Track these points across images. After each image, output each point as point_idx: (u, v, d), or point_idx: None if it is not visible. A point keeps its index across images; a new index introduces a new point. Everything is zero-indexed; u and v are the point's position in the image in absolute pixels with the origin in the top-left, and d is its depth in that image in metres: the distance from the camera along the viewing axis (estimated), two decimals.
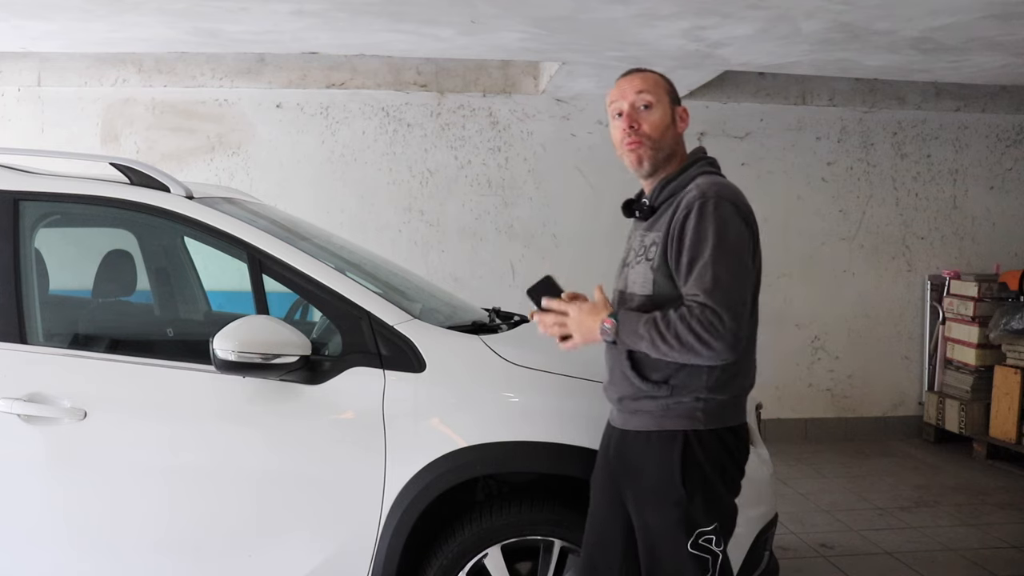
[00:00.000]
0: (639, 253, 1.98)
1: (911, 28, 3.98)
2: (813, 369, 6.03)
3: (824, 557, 3.70)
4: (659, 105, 1.97)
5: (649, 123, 1.96)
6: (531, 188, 5.72)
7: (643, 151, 1.96)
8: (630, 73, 2.04)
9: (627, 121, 1.96)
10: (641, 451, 1.95)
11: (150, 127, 5.45)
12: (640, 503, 1.95)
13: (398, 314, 2.32)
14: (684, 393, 1.91)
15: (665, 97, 1.99)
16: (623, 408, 2.00)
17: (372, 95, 5.55)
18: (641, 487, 1.95)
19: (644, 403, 1.94)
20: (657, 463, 1.92)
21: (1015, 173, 6.19)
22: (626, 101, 1.97)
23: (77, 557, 2.29)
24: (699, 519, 1.91)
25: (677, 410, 1.92)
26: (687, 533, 1.90)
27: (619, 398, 2.00)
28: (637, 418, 1.96)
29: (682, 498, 1.89)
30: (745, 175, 5.84)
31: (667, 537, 1.91)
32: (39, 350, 2.32)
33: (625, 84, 2.00)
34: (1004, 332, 5.31)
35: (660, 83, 2.01)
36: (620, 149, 2.00)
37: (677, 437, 1.92)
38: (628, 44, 4.26)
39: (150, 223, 2.74)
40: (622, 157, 2.02)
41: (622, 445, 2.00)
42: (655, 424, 1.93)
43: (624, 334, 1.87)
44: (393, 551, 2.20)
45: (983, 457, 5.41)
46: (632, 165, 2.00)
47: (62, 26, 4.25)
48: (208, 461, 2.27)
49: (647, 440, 1.94)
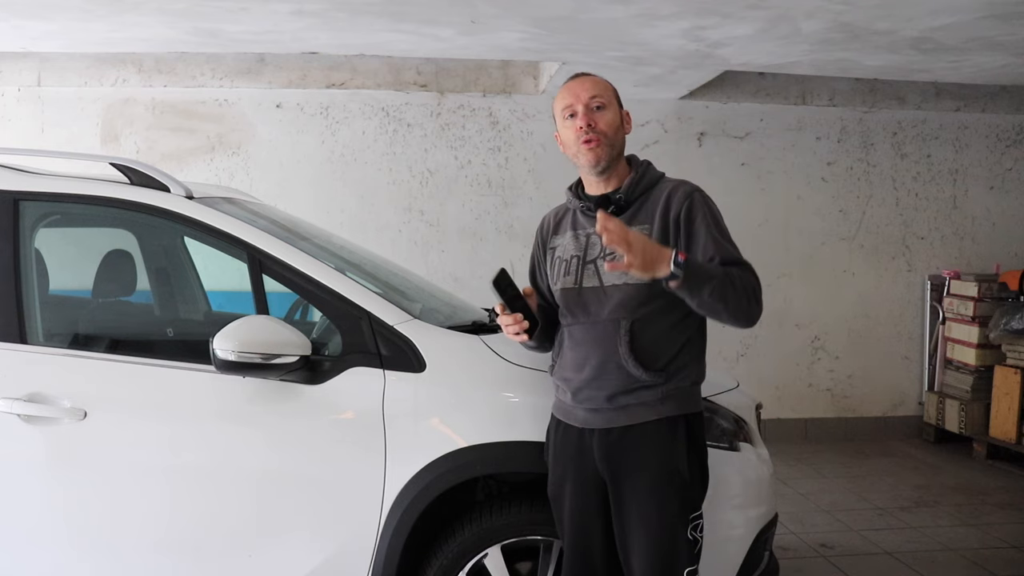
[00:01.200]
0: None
1: (911, 28, 3.99)
2: (813, 369, 6.03)
3: (824, 557, 3.70)
4: (610, 107, 2.04)
5: (604, 122, 2.02)
6: (531, 188, 5.72)
7: (601, 149, 2.01)
8: (578, 76, 2.10)
9: (584, 120, 2.00)
10: (642, 444, 1.94)
11: (150, 127, 5.45)
12: (643, 497, 1.94)
13: (398, 314, 2.32)
14: (681, 377, 1.96)
15: (614, 100, 2.07)
16: (611, 405, 1.97)
17: (372, 95, 5.55)
18: (645, 481, 1.94)
19: (640, 394, 1.94)
20: (662, 452, 1.93)
21: (1015, 173, 6.19)
22: (580, 103, 2.02)
23: (77, 557, 2.29)
24: (696, 503, 1.97)
25: (676, 395, 1.95)
26: (686, 520, 1.93)
27: (609, 395, 1.97)
28: (629, 412, 1.95)
29: (685, 483, 1.93)
30: (745, 175, 5.85)
31: (668, 526, 1.92)
32: (39, 350, 2.32)
33: (576, 87, 2.05)
34: (1004, 332, 5.31)
35: (609, 87, 2.08)
36: (574, 148, 2.05)
37: (679, 422, 1.95)
38: (628, 44, 4.26)
39: (150, 223, 2.74)
40: (575, 156, 2.07)
41: (610, 444, 1.98)
42: (654, 413, 1.94)
43: (694, 271, 1.82)
44: (393, 551, 2.20)
45: (983, 457, 5.41)
46: (590, 163, 2.03)
47: (62, 26, 4.25)
48: (208, 461, 2.27)
49: (646, 432, 1.94)
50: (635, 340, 1.94)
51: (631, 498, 1.96)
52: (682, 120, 5.78)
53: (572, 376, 2.03)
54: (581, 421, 2.03)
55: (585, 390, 2.00)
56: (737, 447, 2.32)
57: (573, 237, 2.11)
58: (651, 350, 1.94)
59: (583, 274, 2.03)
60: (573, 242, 2.10)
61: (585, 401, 2.01)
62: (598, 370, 1.98)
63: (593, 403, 2.00)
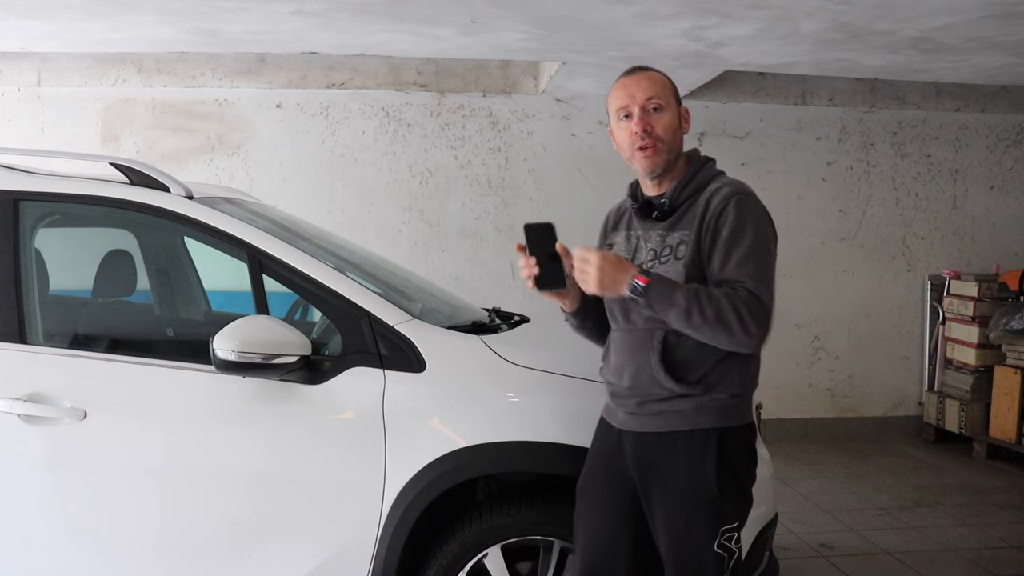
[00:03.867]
0: (663, 253, 1.92)
1: (911, 28, 3.99)
2: (813, 369, 6.02)
3: (824, 557, 3.70)
4: (668, 108, 1.94)
5: (661, 126, 1.92)
6: (531, 188, 5.72)
7: (657, 156, 1.92)
8: (635, 72, 1.98)
9: (640, 124, 1.90)
10: (672, 452, 1.90)
11: (150, 127, 5.45)
12: (670, 505, 1.90)
13: (398, 314, 2.32)
14: (719, 390, 1.90)
15: (672, 99, 1.96)
16: (643, 411, 1.93)
17: (372, 95, 5.55)
18: (673, 489, 1.90)
19: (675, 403, 1.89)
20: (691, 463, 1.89)
21: (1015, 173, 6.19)
22: (636, 104, 1.92)
23: (77, 557, 2.29)
24: (728, 517, 1.91)
25: (712, 408, 1.90)
26: (715, 532, 1.88)
27: (640, 401, 1.93)
28: (662, 419, 1.91)
29: (716, 498, 1.88)
30: (745, 175, 5.75)
31: (696, 538, 1.88)
32: (39, 350, 2.32)
33: (632, 86, 1.95)
34: (1004, 332, 5.31)
35: (667, 85, 1.98)
36: (629, 152, 1.94)
37: (711, 435, 1.89)
38: (628, 44, 4.26)
39: (150, 223, 2.74)
40: (631, 160, 1.96)
41: (642, 448, 1.94)
42: (687, 423, 1.89)
43: (655, 295, 1.79)
44: (393, 551, 2.20)
45: (983, 457, 5.41)
46: (645, 169, 1.94)
47: (62, 26, 4.25)
48: (208, 461, 2.27)
49: (677, 441, 1.90)
50: (668, 351, 1.89)
51: (658, 505, 1.92)
52: None
53: (613, 381, 2.01)
54: (620, 422, 2.00)
55: (621, 396, 1.98)
56: None
57: (626, 238, 2.04)
58: (685, 362, 1.88)
59: None
60: (625, 243, 2.03)
61: (622, 405, 1.99)
62: (633, 379, 1.94)
63: (628, 407, 1.97)
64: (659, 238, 1.95)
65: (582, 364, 2.29)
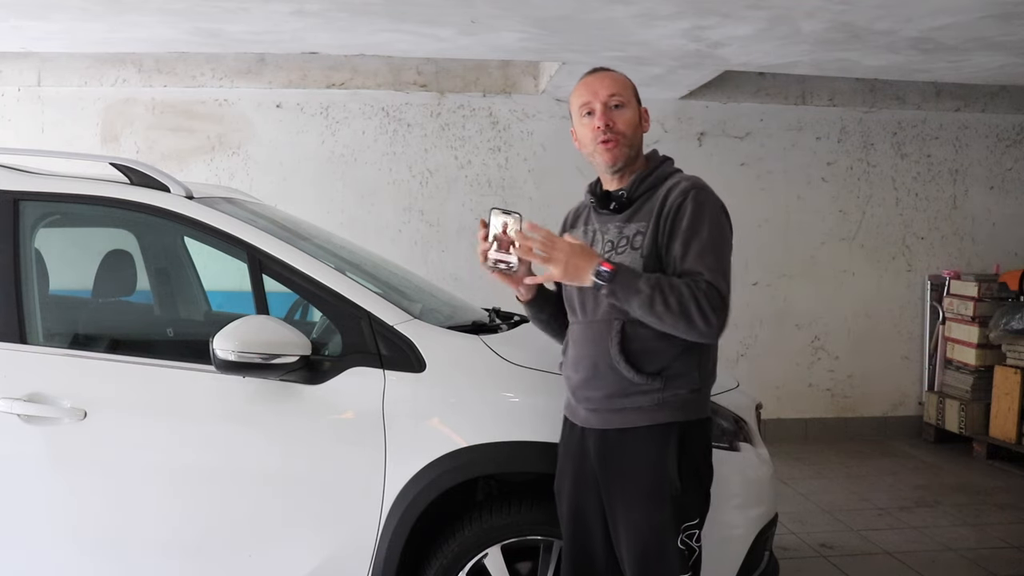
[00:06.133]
0: (619, 244, 1.97)
1: (911, 28, 3.99)
2: (813, 369, 6.02)
3: (824, 557, 3.70)
4: (629, 105, 2.00)
5: (623, 121, 1.98)
6: (531, 188, 5.72)
7: (618, 149, 1.97)
8: (597, 72, 2.05)
9: (603, 119, 1.96)
10: (632, 449, 1.93)
11: (150, 127, 5.45)
12: (631, 502, 1.93)
13: (398, 314, 2.32)
14: (678, 384, 1.92)
15: (633, 98, 2.03)
16: (606, 406, 1.95)
17: (372, 95, 5.55)
18: (634, 486, 1.93)
19: (636, 399, 1.92)
20: (652, 459, 1.91)
21: (1015, 173, 6.19)
22: (598, 100, 1.97)
23: (77, 557, 2.29)
24: (690, 513, 1.93)
25: (672, 402, 1.92)
26: (677, 528, 1.90)
27: (605, 395, 1.95)
28: (623, 415, 1.93)
29: (677, 492, 1.90)
30: (745, 175, 5.85)
31: (659, 534, 1.90)
32: (39, 350, 2.32)
33: (595, 83, 2.01)
34: (1004, 332, 5.31)
35: (628, 84, 2.04)
36: (591, 147, 1.99)
37: (672, 430, 1.92)
38: (628, 44, 4.26)
39: (150, 223, 2.74)
40: (591, 155, 2.01)
41: (604, 446, 1.97)
42: (647, 419, 1.92)
43: (620, 283, 1.83)
44: (393, 551, 2.20)
45: (983, 457, 5.41)
46: (606, 163, 2.00)
47: (62, 26, 4.25)
48: (208, 461, 2.27)
49: (638, 437, 1.92)
50: (627, 341, 1.91)
51: (620, 502, 1.94)
52: (682, 120, 5.78)
53: (572, 375, 2.04)
54: (582, 420, 2.03)
55: (582, 390, 2.00)
56: (737, 447, 2.32)
57: (583, 233, 2.08)
58: (644, 352, 1.91)
59: None
60: (582, 237, 2.06)
61: (584, 400, 2.01)
62: (591, 371, 1.97)
63: (591, 403, 1.99)
64: (616, 230, 1.99)
65: None
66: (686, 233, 1.88)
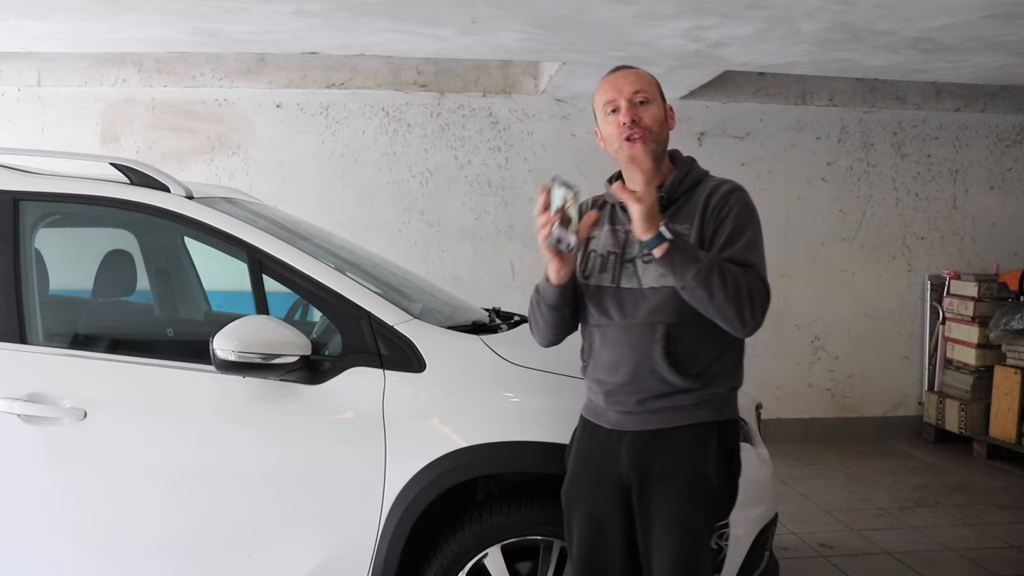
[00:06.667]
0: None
1: (911, 28, 3.99)
2: (813, 369, 6.02)
3: (824, 557, 3.70)
4: (655, 101, 1.95)
5: (649, 116, 1.91)
6: (531, 188, 5.71)
7: (645, 146, 1.91)
8: (620, 69, 1.99)
9: (628, 115, 1.89)
10: (672, 449, 1.89)
11: (150, 127, 5.45)
12: (670, 503, 1.88)
13: (398, 314, 2.32)
14: (717, 383, 1.91)
15: (658, 94, 1.97)
16: (644, 408, 1.90)
17: (372, 95, 5.55)
18: (673, 486, 1.88)
19: (676, 398, 1.88)
20: (692, 459, 1.89)
21: (1015, 173, 6.19)
22: (623, 97, 1.92)
23: (77, 557, 2.29)
24: (722, 512, 1.92)
25: (711, 401, 1.90)
26: (712, 528, 1.89)
27: (644, 398, 1.90)
28: (661, 416, 1.89)
29: (714, 492, 1.89)
30: (745, 175, 5.83)
31: (695, 534, 1.87)
32: (39, 350, 2.32)
33: (619, 80, 1.95)
34: (1004, 332, 5.31)
35: (653, 81, 1.99)
36: (617, 144, 1.92)
37: (711, 429, 1.90)
38: (628, 44, 4.26)
39: (150, 223, 2.74)
40: (617, 153, 1.94)
41: (640, 448, 1.91)
42: (687, 418, 1.89)
43: (682, 246, 1.77)
44: (393, 551, 2.20)
45: (983, 457, 5.41)
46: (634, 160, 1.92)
47: (62, 26, 4.25)
48: (208, 461, 2.27)
49: (678, 436, 1.89)
50: (671, 345, 1.86)
51: (658, 503, 1.89)
52: (682, 120, 5.77)
53: (606, 379, 1.95)
54: (612, 423, 1.96)
55: (618, 394, 1.93)
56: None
57: (611, 232, 2.00)
58: (687, 356, 1.87)
59: (621, 273, 1.94)
60: (611, 237, 1.99)
61: (617, 404, 1.94)
62: (632, 374, 1.90)
63: (625, 406, 1.93)
64: None
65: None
66: (734, 231, 1.86)
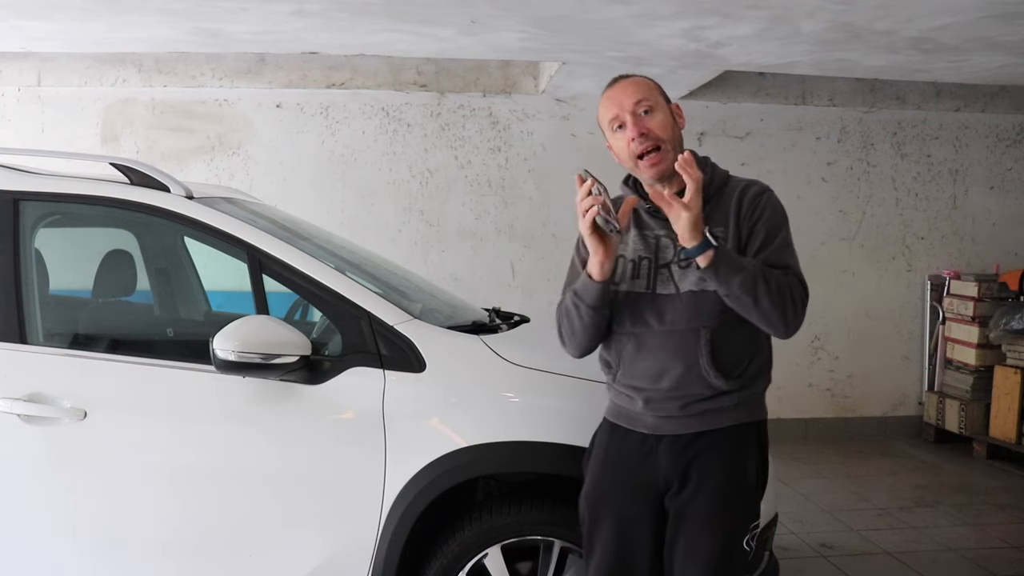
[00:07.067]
0: None
1: (911, 28, 3.98)
2: (813, 369, 6.02)
3: (824, 557, 3.70)
4: (659, 107, 1.90)
5: (657, 125, 1.87)
6: (531, 188, 5.72)
7: (664, 162, 1.86)
8: (618, 82, 1.93)
9: (636, 129, 1.85)
10: (714, 450, 1.88)
11: (150, 127, 5.45)
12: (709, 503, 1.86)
13: (398, 314, 2.32)
14: (756, 383, 1.93)
15: (661, 98, 1.93)
16: (685, 412, 1.88)
17: (372, 95, 5.55)
18: (713, 486, 1.86)
19: (719, 400, 1.87)
20: (733, 459, 1.89)
21: (1015, 173, 6.19)
22: (626, 111, 1.87)
23: (77, 557, 2.29)
24: (757, 512, 1.93)
25: (750, 402, 1.92)
26: (747, 528, 1.89)
27: (684, 404, 1.88)
28: (703, 419, 1.88)
29: (752, 491, 1.90)
30: (745, 175, 5.78)
31: (731, 535, 1.87)
32: (39, 350, 2.32)
33: (619, 94, 1.90)
34: (1004, 332, 5.31)
35: (653, 86, 1.93)
36: (631, 162, 1.88)
37: (751, 429, 1.92)
38: (628, 44, 4.26)
39: (150, 223, 2.74)
40: (634, 171, 1.91)
41: (680, 450, 1.89)
42: (729, 420, 1.89)
43: (727, 254, 1.77)
44: (393, 551, 2.20)
45: (983, 457, 5.41)
46: (653, 177, 1.89)
47: (62, 26, 4.25)
48: (208, 461, 2.27)
49: (719, 437, 1.88)
50: (716, 350, 1.85)
51: (698, 504, 1.87)
52: None
53: (647, 386, 1.91)
54: (650, 427, 1.92)
55: (660, 400, 1.90)
56: None
57: (640, 237, 1.96)
58: (732, 359, 1.87)
59: (656, 279, 1.91)
60: (641, 243, 1.95)
61: (657, 410, 1.91)
62: (679, 381, 1.87)
63: (665, 411, 1.90)
64: None
65: (582, 364, 2.28)
66: (769, 233, 1.87)
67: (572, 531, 2.23)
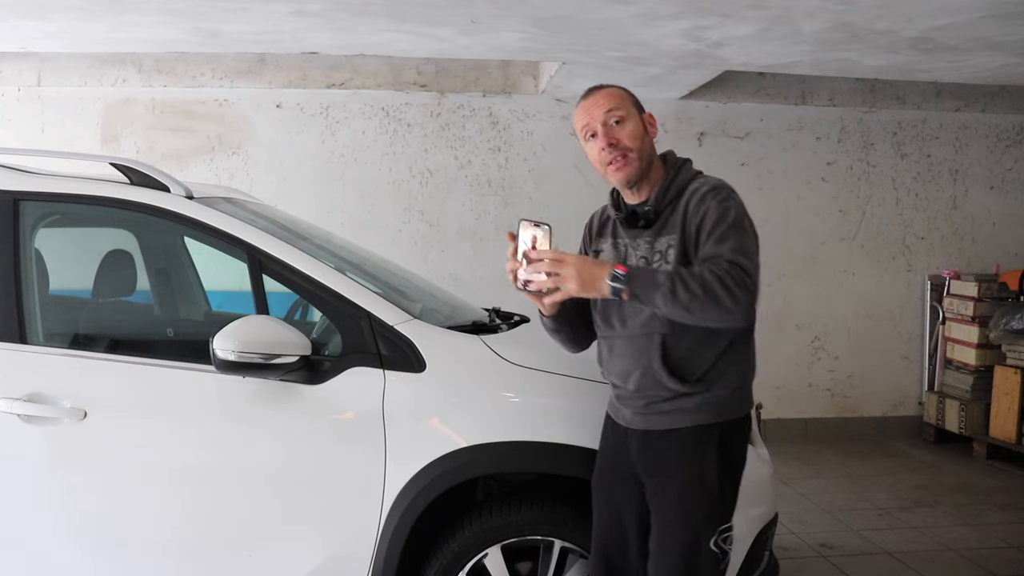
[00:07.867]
0: (654, 259, 1.94)
1: (911, 28, 3.99)
2: (813, 369, 6.02)
3: (824, 557, 3.70)
4: (630, 117, 1.97)
5: (626, 135, 1.95)
6: (531, 188, 5.72)
7: (629, 167, 1.95)
8: (591, 93, 2.01)
9: (605, 139, 1.94)
10: (673, 449, 1.94)
11: (150, 127, 5.45)
12: (671, 501, 1.93)
13: (398, 314, 2.32)
14: (720, 386, 1.94)
15: (632, 108, 1.99)
16: (650, 410, 1.96)
17: (372, 95, 5.55)
18: (674, 485, 1.93)
19: (680, 401, 1.93)
20: (691, 459, 1.92)
21: (1015, 173, 6.19)
22: (597, 121, 1.96)
23: (78, 557, 2.29)
24: (725, 515, 1.94)
25: (714, 403, 1.93)
26: (714, 530, 1.91)
27: (647, 402, 1.96)
28: (668, 417, 1.94)
29: (714, 493, 1.92)
30: (745, 175, 5.84)
31: (694, 534, 1.91)
32: (39, 350, 2.32)
33: (590, 105, 1.98)
34: (1004, 332, 5.31)
35: (625, 96, 2.01)
36: (602, 169, 1.98)
37: (713, 431, 1.93)
38: (628, 44, 4.26)
39: (150, 223, 2.74)
40: (605, 176, 2.00)
41: (646, 446, 1.98)
42: (689, 420, 1.93)
43: (638, 283, 1.79)
44: (393, 551, 2.20)
45: (983, 457, 5.41)
46: (620, 182, 1.99)
47: (62, 26, 4.25)
48: (208, 461, 2.27)
49: (680, 437, 1.93)
50: (669, 354, 1.91)
51: (660, 501, 1.95)
52: (682, 120, 5.78)
53: (619, 384, 2.04)
54: (626, 420, 2.03)
55: (628, 398, 2.01)
56: None
57: (613, 246, 2.06)
58: (686, 362, 1.91)
59: None
60: (613, 252, 2.05)
61: (629, 405, 2.02)
62: (639, 383, 1.96)
63: (636, 408, 2.00)
64: (647, 245, 1.98)
65: (582, 364, 2.29)
66: (711, 229, 1.86)
67: (572, 531, 2.24)
